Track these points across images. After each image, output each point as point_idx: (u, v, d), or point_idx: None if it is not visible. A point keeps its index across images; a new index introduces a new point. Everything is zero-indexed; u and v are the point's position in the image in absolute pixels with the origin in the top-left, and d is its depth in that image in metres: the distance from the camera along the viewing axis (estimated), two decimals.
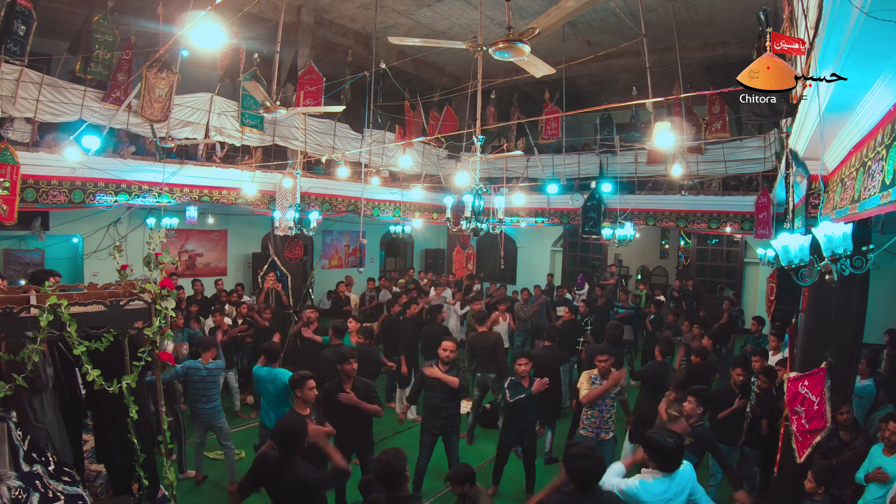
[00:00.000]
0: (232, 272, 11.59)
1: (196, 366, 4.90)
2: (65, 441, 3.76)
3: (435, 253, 15.38)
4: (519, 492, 5.09)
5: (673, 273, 14.17)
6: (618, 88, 11.91)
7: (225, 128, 8.58)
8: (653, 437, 2.91)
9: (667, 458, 2.81)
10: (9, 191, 6.23)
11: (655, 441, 2.87)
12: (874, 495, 3.46)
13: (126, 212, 9.36)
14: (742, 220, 9.90)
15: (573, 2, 3.48)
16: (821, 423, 3.93)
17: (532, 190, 11.73)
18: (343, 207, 10.60)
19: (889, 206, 2.32)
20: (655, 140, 6.72)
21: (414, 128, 10.89)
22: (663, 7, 8.18)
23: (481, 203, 4.86)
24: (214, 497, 5.00)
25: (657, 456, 2.83)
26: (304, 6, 9.11)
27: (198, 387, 4.87)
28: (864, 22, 1.93)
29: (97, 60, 7.18)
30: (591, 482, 2.68)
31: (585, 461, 2.66)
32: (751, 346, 7.19)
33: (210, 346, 5.00)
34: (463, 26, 9.45)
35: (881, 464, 3.51)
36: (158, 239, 3.58)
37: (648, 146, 9.52)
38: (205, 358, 4.94)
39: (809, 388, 4.05)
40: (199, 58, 9.07)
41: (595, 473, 2.68)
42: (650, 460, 2.87)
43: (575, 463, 2.68)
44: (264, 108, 6.38)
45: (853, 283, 3.83)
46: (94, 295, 3.37)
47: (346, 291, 9.66)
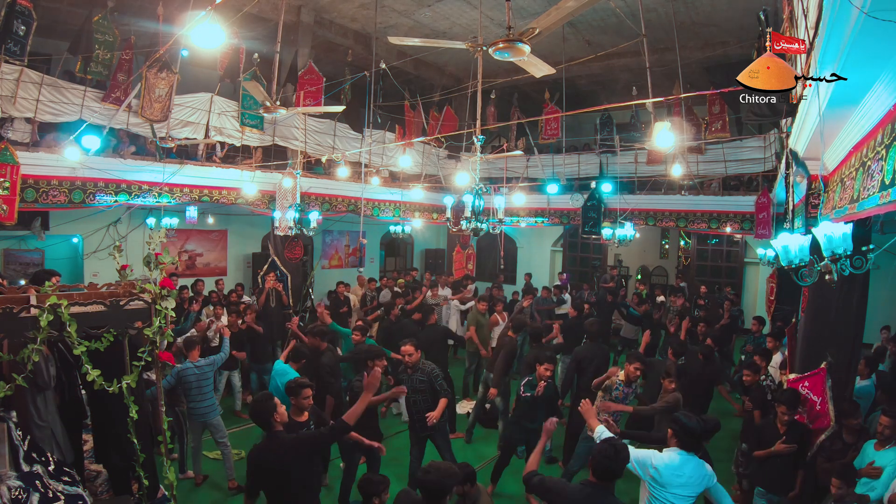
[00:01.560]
0: (232, 272, 11.59)
1: (186, 366, 4.86)
2: (65, 441, 3.76)
3: (435, 253, 15.38)
4: (519, 492, 5.09)
5: (673, 273, 14.16)
6: (618, 88, 11.91)
7: (225, 128, 8.58)
8: (680, 417, 3.16)
9: (690, 436, 3.05)
10: (9, 191, 6.23)
11: (681, 420, 3.12)
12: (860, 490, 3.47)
13: (126, 212, 9.36)
14: (742, 220, 9.90)
15: (573, 2, 3.48)
16: (825, 423, 3.93)
17: (532, 190, 11.72)
18: (343, 207, 10.60)
19: (888, 205, 2.32)
20: (655, 140, 6.72)
21: (414, 128, 10.89)
22: (663, 7, 8.18)
23: (481, 203, 4.86)
24: (214, 497, 5.00)
25: (682, 433, 3.07)
26: (304, 6, 9.11)
27: (192, 386, 4.85)
28: (864, 22, 1.93)
29: (97, 60, 7.18)
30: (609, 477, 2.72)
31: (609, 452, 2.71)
32: (751, 345, 7.20)
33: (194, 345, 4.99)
34: (463, 26, 9.45)
35: (873, 458, 3.52)
36: (158, 239, 3.59)
37: (648, 146, 9.52)
38: (192, 356, 4.92)
39: (810, 388, 4.05)
40: (199, 58, 9.07)
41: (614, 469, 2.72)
42: (674, 436, 3.12)
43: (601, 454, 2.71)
44: (264, 108, 6.38)
45: (853, 284, 3.83)
46: (94, 295, 3.38)
47: (346, 292, 9.66)
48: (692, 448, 3.08)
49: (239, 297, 8.99)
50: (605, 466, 2.65)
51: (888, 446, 3.53)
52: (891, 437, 3.52)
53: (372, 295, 9.93)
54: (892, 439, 3.52)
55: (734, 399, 5.72)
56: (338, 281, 10.00)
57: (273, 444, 3.03)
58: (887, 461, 3.46)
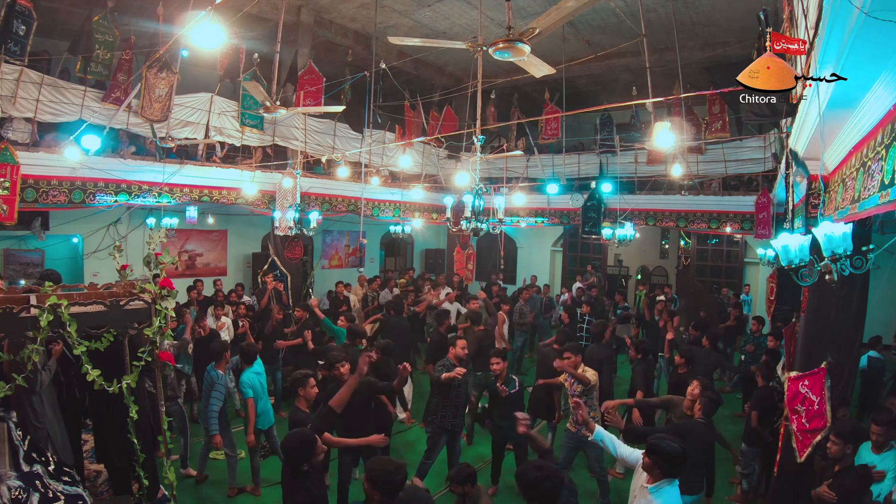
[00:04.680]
0: (232, 272, 11.59)
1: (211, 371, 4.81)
2: (65, 441, 3.76)
3: (435, 253, 15.38)
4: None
5: (673, 273, 14.17)
6: (618, 88, 11.90)
7: (225, 128, 8.58)
8: (658, 444, 2.73)
9: (673, 464, 2.70)
10: (9, 191, 6.23)
11: (661, 447, 2.71)
12: None
13: (126, 212, 9.36)
14: (742, 220, 9.90)
15: (573, 2, 3.48)
16: (821, 423, 3.93)
17: (532, 190, 11.72)
18: (343, 207, 10.60)
19: (888, 205, 2.32)
20: (655, 140, 6.73)
21: (414, 128, 10.89)
22: (663, 7, 8.18)
23: (481, 203, 4.87)
24: (214, 497, 4.99)
25: (663, 461, 2.70)
26: (304, 6, 9.11)
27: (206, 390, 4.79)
28: (864, 22, 1.93)
29: (97, 60, 7.17)
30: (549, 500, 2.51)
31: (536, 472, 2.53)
32: (751, 345, 7.20)
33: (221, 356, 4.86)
34: (463, 26, 9.45)
35: (868, 461, 3.53)
36: (158, 239, 3.59)
37: (648, 146, 9.52)
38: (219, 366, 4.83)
39: (810, 387, 4.05)
40: (199, 58, 9.07)
41: (549, 489, 2.50)
42: (655, 466, 2.74)
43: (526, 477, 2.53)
44: (264, 108, 6.39)
45: (853, 283, 3.83)
46: (94, 295, 3.38)
47: (345, 291, 9.66)
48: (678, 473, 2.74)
49: (239, 297, 8.99)
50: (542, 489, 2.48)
51: (885, 450, 3.58)
52: (885, 442, 3.59)
53: (373, 295, 9.93)
54: (887, 444, 3.59)
55: (734, 398, 5.73)
56: (337, 281, 10.02)
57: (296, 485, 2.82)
58: (888, 466, 3.49)
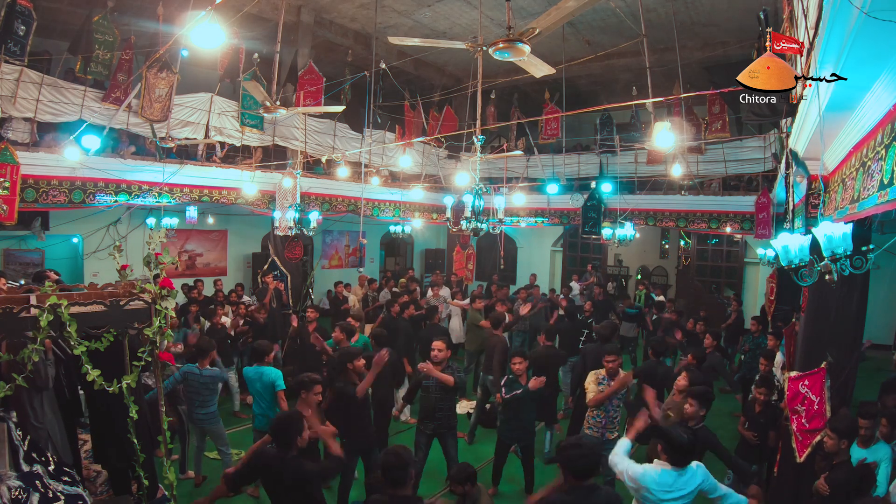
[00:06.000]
0: (232, 272, 11.60)
1: (193, 370, 4.78)
2: (64, 441, 3.76)
3: (435, 253, 15.38)
4: (519, 492, 5.09)
5: (673, 273, 14.17)
6: (618, 88, 11.90)
7: (225, 128, 8.58)
8: (667, 431, 2.97)
9: (678, 452, 2.85)
10: (9, 191, 6.23)
11: (670, 434, 2.93)
12: None
13: (126, 212, 9.36)
14: (742, 220, 9.90)
15: (573, 2, 3.49)
16: (821, 423, 3.93)
17: (532, 190, 11.72)
18: (343, 207, 10.60)
19: (887, 205, 2.32)
20: (655, 140, 6.72)
21: (414, 128, 10.89)
22: (663, 7, 8.18)
23: (481, 203, 4.86)
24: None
25: (669, 448, 2.88)
26: (304, 6, 9.11)
27: (195, 391, 4.78)
28: (864, 22, 1.93)
29: (97, 60, 7.17)
30: (585, 474, 2.62)
31: (576, 450, 2.64)
32: (749, 345, 7.20)
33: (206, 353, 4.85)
34: (463, 26, 9.45)
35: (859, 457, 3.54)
36: (158, 239, 3.58)
37: (648, 146, 9.52)
38: (201, 364, 4.81)
39: (810, 387, 4.05)
40: (199, 58, 9.07)
41: (587, 465, 2.62)
42: (662, 452, 2.93)
43: (566, 454, 2.65)
44: (264, 108, 6.38)
45: (853, 283, 3.82)
46: (94, 295, 3.37)
47: (345, 291, 9.66)
48: (681, 463, 2.87)
49: (239, 297, 8.99)
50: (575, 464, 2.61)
51: (873, 443, 3.60)
52: (872, 435, 3.61)
53: (373, 296, 9.93)
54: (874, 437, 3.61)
55: (733, 399, 5.72)
56: (336, 281, 10.03)
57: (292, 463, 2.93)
58: (880, 456, 3.51)
